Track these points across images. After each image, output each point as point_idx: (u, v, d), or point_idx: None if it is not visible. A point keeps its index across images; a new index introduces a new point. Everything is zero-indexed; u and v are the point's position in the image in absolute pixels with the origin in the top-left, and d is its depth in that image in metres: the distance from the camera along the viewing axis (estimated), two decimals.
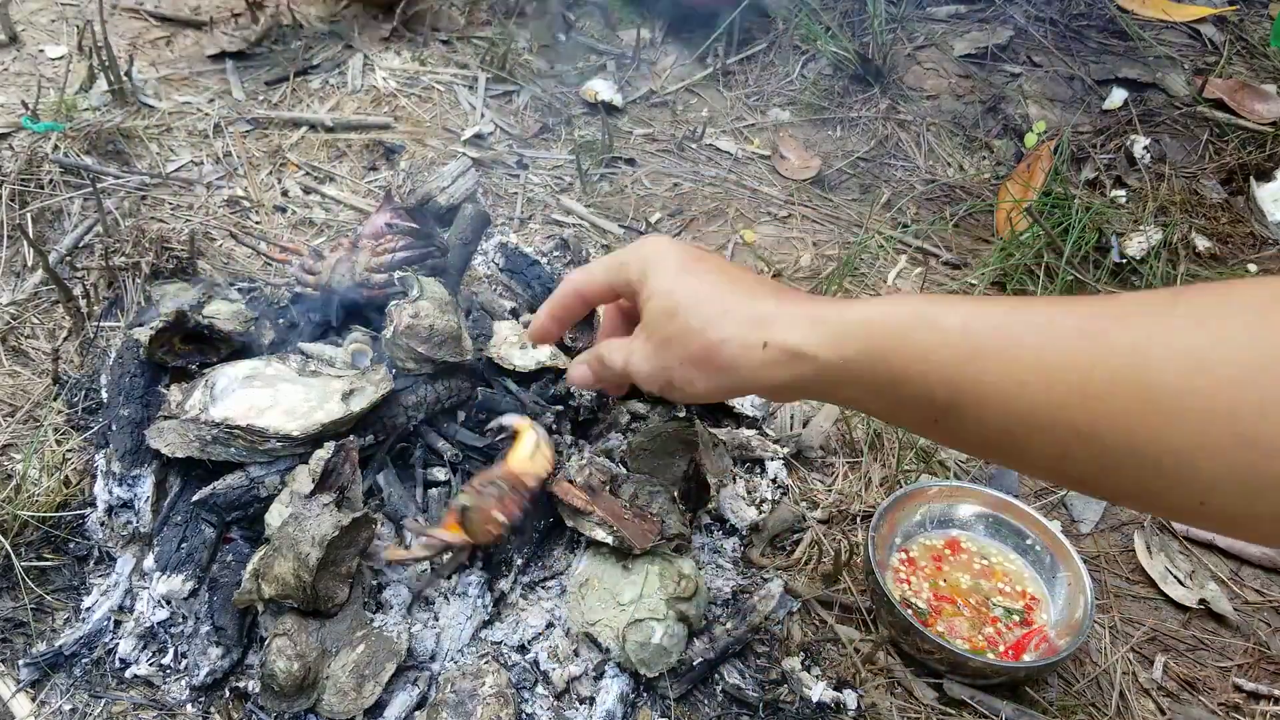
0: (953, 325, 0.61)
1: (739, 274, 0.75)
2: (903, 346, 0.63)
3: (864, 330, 0.65)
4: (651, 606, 1.00)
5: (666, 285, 0.74)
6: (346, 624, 0.97)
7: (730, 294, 0.72)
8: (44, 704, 0.95)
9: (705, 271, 0.74)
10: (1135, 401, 0.54)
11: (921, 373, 0.62)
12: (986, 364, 0.60)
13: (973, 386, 0.60)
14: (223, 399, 1.05)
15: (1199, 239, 1.67)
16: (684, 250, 0.76)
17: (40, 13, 1.78)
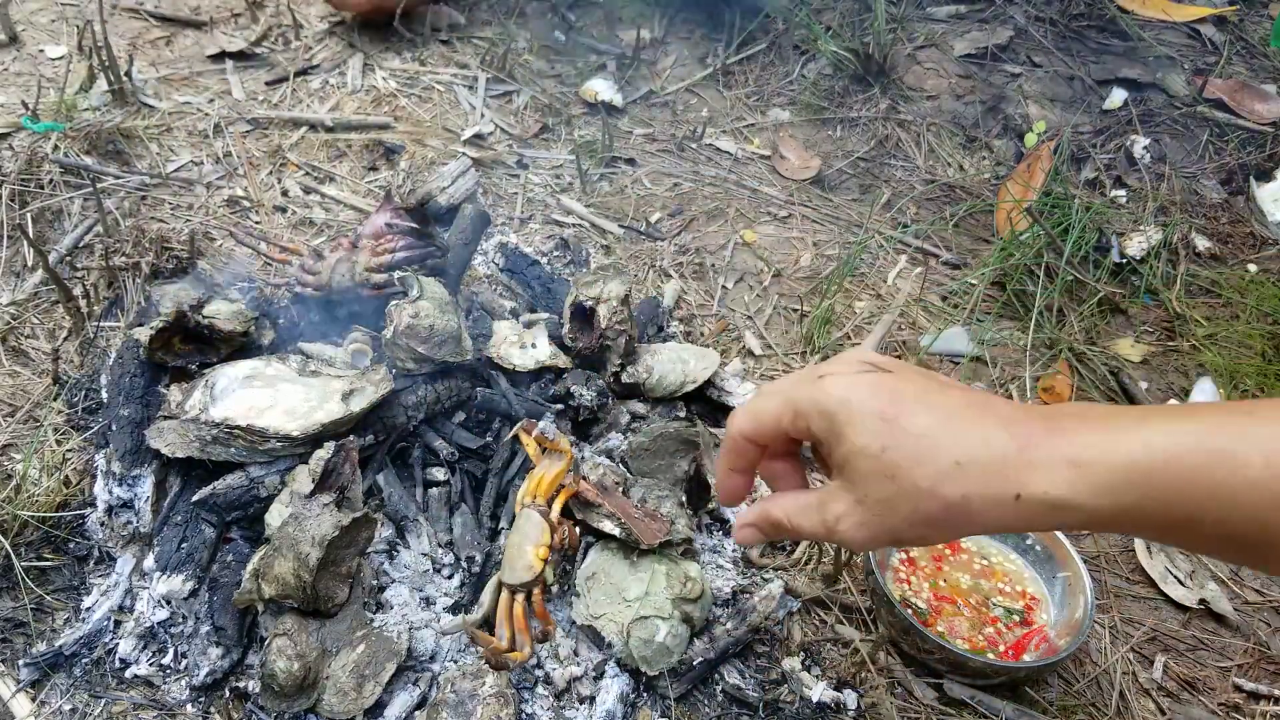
0: (1256, 464, 0.55)
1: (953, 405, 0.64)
2: (1197, 493, 0.56)
3: (1145, 479, 0.57)
4: (657, 605, 1.00)
5: (873, 441, 0.63)
6: (346, 624, 0.97)
7: (957, 436, 0.62)
8: (44, 704, 0.95)
9: (914, 414, 0.63)
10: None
11: (1219, 515, 0.56)
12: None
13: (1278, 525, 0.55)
14: (223, 399, 1.05)
15: (1199, 239, 1.67)
16: (874, 389, 0.65)
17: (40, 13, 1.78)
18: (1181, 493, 0.57)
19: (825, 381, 0.66)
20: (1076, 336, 1.50)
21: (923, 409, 0.63)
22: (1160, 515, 0.58)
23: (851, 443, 0.64)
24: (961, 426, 0.62)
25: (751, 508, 0.74)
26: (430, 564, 1.07)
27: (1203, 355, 1.50)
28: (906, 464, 0.62)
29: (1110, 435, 0.59)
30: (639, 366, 1.24)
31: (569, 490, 1.02)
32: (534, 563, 0.96)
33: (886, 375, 0.66)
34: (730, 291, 1.53)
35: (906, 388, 0.64)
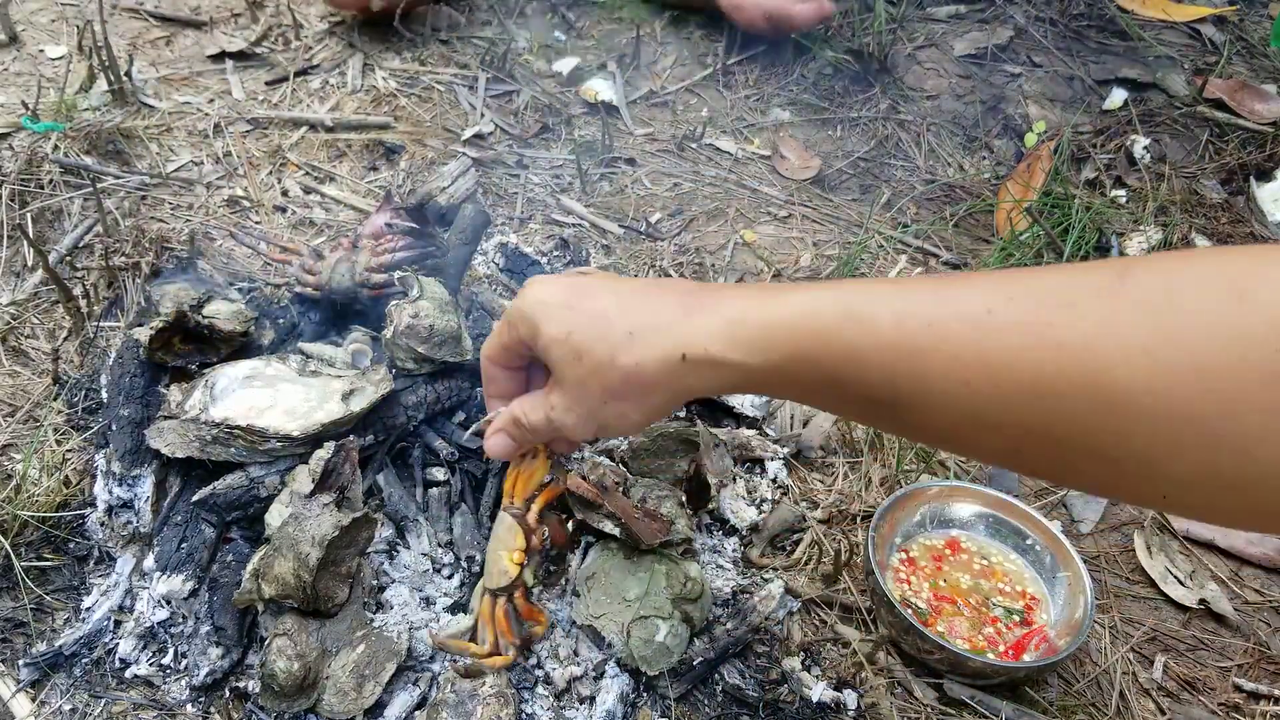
0: (884, 321, 0.58)
1: (631, 288, 0.70)
2: (832, 348, 0.60)
3: (787, 334, 0.61)
4: (657, 605, 1.00)
5: (560, 329, 0.69)
6: (346, 624, 0.97)
7: (630, 312, 0.67)
8: (44, 704, 0.95)
9: (594, 297, 0.69)
10: (1091, 403, 0.52)
11: (857, 374, 0.59)
12: (925, 363, 0.57)
13: (913, 385, 0.58)
14: (223, 399, 1.05)
15: (1199, 239, 1.67)
16: (563, 286, 0.72)
17: (40, 13, 1.78)
18: (822, 352, 0.60)
19: (526, 289, 0.73)
20: None
21: (604, 293, 0.69)
22: (807, 375, 0.62)
23: (545, 334, 0.70)
24: (636, 303, 0.67)
25: (498, 418, 0.81)
26: (430, 564, 1.07)
27: None
28: (588, 343, 0.67)
29: (767, 299, 0.63)
30: None
31: (551, 490, 1.00)
32: (508, 567, 0.95)
33: (580, 274, 0.74)
34: None
35: (595, 281, 0.71)
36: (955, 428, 0.58)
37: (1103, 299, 0.52)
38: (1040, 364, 0.53)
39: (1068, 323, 0.53)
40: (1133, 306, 0.51)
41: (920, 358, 0.57)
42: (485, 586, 0.97)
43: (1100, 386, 0.51)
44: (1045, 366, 0.53)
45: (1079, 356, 0.52)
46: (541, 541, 0.97)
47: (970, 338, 0.55)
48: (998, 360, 0.54)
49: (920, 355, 0.57)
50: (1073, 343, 0.52)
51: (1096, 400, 0.52)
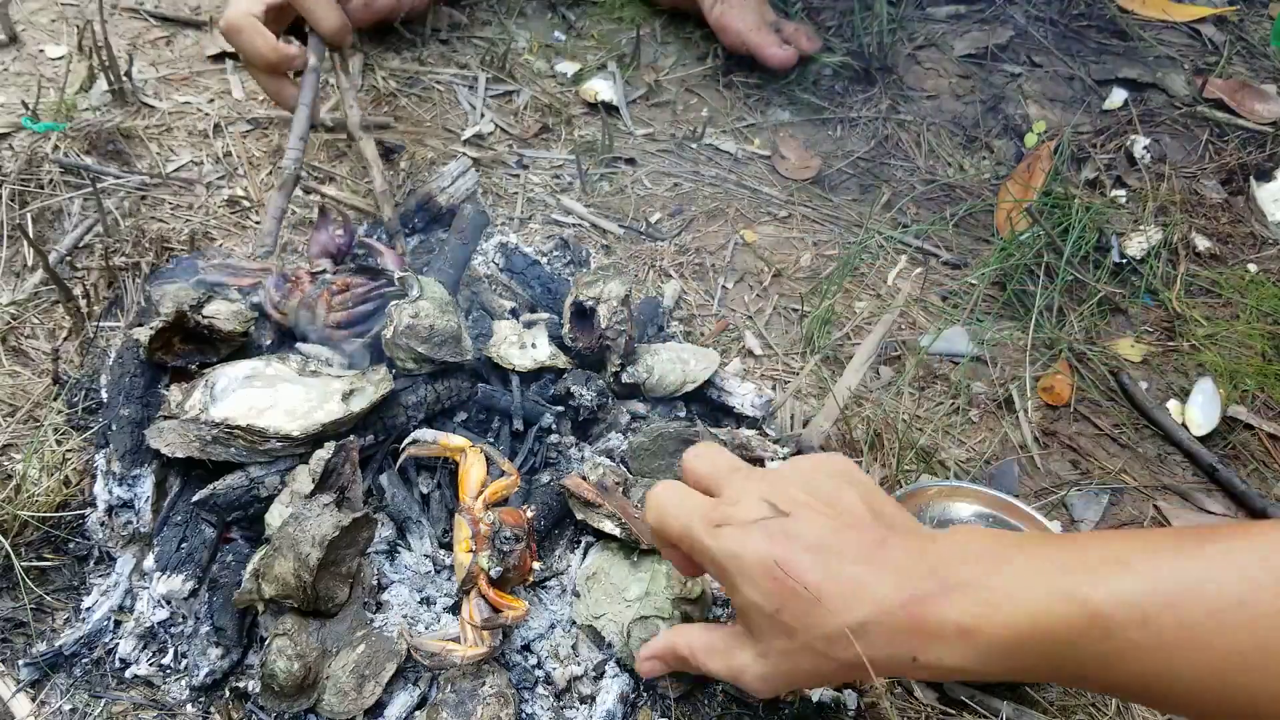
0: (1133, 626, 0.56)
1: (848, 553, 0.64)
2: (1077, 656, 0.58)
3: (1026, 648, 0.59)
4: (658, 605, 1.00)
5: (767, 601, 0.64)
6: (347, 624, 0.97)
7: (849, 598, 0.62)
8: (44, 704, 0.95)
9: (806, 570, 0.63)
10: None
11: (1105, 675, 0.59)
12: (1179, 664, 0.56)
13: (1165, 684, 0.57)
14: (223, 399, 1.05)
15: (1199, 239, 1.67)
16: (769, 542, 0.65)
17: (40, 13, 1.78)
18: (1063, 657, 0.60)
19: (720, 532, 0.66)
20: (1076, 336, 1.50)
21: (814, 564, 0.63)
22: (1049, 673, 0.61)
23: (745, 598, 0.65)
24: (855, 586, 0.62)
25: (656, 640, 0.79)
26: (431, 564, 1.07)
27: (1203, 355, 1.50)
28: (800, 625, 0.63)
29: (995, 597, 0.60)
30: (639, 366, 1.24)
31: (496, 489, 1.03)
32: (462, 559, 0.98)
33: (781, 522, 0.65)
34: (730, 291, 1.53)
35: (799, 539, 0.64)
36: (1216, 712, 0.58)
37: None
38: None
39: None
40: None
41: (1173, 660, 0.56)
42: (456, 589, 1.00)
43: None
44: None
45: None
46: (490, 528, 0.98)
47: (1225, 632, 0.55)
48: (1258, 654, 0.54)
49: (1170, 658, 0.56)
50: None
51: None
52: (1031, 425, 1.38)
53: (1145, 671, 0.57)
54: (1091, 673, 0.59)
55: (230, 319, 1.14)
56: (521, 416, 1.18)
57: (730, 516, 0.68)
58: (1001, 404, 1.40)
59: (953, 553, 0.64)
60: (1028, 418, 1.39)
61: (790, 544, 0.64)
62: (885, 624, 0.62)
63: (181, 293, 1.18)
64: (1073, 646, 0.58)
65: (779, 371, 1.41)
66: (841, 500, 0.67)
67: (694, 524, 0.70)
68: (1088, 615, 0.57)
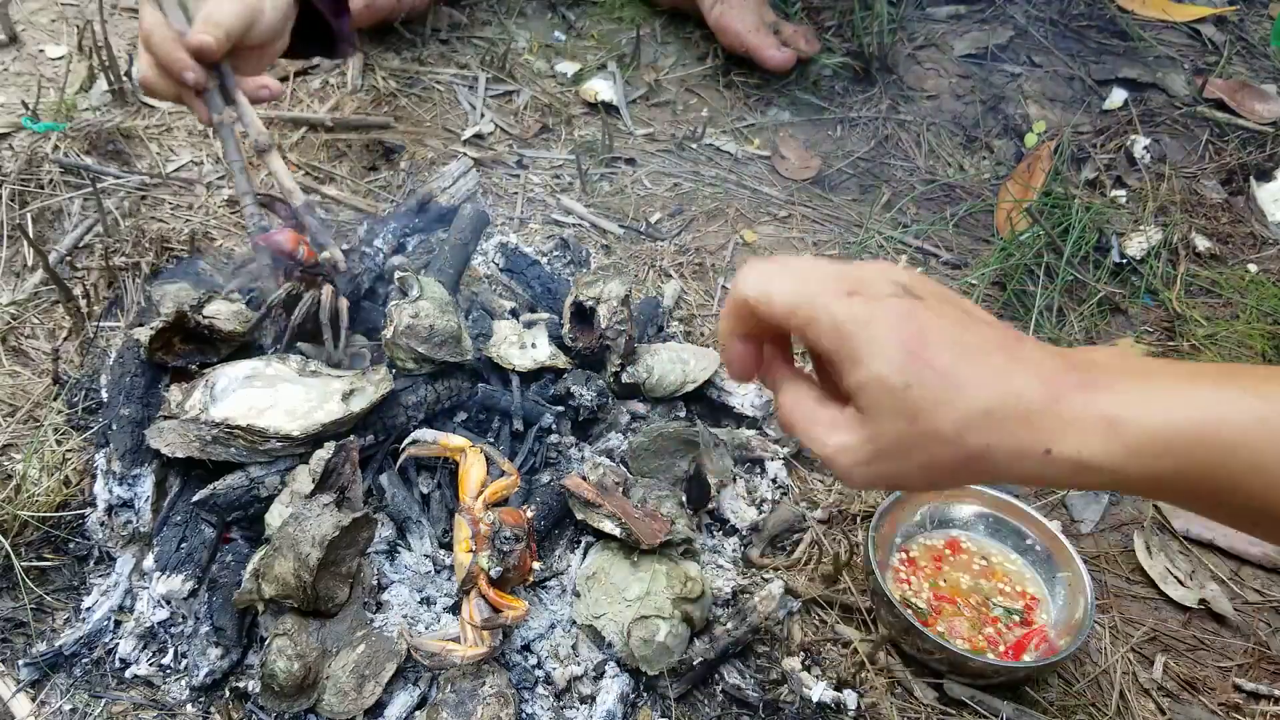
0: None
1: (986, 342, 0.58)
2: (1236, 462, 0.53)
3: (1181, 445, 0.54)
4: (658, 605, 1.00)
5: (896, 375, 0.56)
6: (346, 624, 0.97)
7: (987, 380, 0.56)
8: (44, 704, 0.95)
9: (943, 349, 0.57)
10: None
11: (1261, 487, 0.53)
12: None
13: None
14: (223, 399, 1.05)
15: (1199, 239, 1.67)
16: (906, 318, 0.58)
17: (40, 13, 1.78)
18: (1222, 463, 0.53)
19: (853, 300, 0.59)
20: (1076, 336, 1.50)
21: (951, 345, 0.57)
22: (1196, 484, 0.55)
23: (870, 370, 0.57)
24: (992, 371, 0.57)
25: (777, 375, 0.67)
26: (431, 565, 1.07)
27: (1203, 355, 1.50)
28: (929, 405, 0.56)
29: (1150, 393, 0.55)
30: (639, 366, 1.24)
31: (496, 489, 1.03)
32: (462, 558, 0.98)
33: (916, 303, 0.59)
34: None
35: (935, 320, 0.58)
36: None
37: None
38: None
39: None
40: None
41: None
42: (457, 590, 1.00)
43: None
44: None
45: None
46: (490, 528, 0.98)
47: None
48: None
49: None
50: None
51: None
52: None
53: None
54: (1246, 485, 0.53)
55: (230, 319, 1.14)
56: (521, 416, 1.18)
57: (860, 287, 0.59)
58: None
59: (1098, 358, 0.58)
60: None
61: (926, 322, 0.58)
62: (1023, 406, 0.55)
63: (181, 293, 1.18)
64: (1232, 452, 0.53)
65: None
66: (965, 304, 0.62)
67: (817, 293, 0.60)
68: (1256, 420, 0.52)
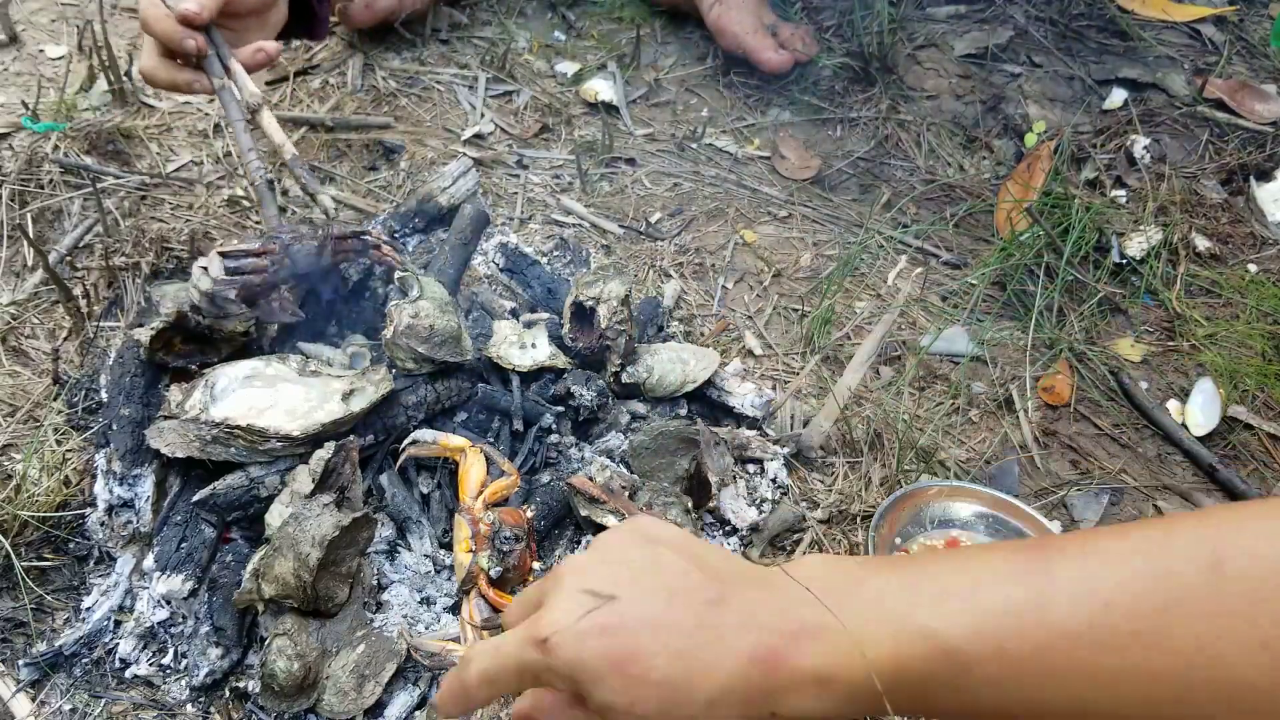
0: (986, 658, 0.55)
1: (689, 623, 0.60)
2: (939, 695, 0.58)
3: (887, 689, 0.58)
4: None
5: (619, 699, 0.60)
6: (347, 624, 0.97)
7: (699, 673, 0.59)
8: (44, 704, 0.95)
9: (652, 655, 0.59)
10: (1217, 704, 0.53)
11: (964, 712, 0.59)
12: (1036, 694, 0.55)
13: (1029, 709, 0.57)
14: (223, 399, 1.05)
15: (1199, 239, 1.67)
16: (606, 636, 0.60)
17: (40, 13, 1.78)
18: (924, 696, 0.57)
19: (550, 646, 0.61)
20: (1076, 336, 1.50)
21: (658, 646, 0.59)
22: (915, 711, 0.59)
23: (598, 700, 0.60)
24: (702, 657, 0.59)
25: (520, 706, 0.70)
26: (431, 565, 1.07)
27: (1203, 355, 1.50)
28: (657, 714, 0.59)
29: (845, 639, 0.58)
30: (639, 366, 1.24)
31: (496, 489, 1.04)
32: (462, 559, 0.98)
33: (610, 610, 0.61)
34: (730, 291, 1.53)
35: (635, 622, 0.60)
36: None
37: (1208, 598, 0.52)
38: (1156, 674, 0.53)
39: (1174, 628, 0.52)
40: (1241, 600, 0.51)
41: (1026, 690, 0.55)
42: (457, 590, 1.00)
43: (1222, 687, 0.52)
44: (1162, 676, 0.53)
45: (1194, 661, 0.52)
46: (490, 528, 0.99)
47: (1076, 656, 0.54)
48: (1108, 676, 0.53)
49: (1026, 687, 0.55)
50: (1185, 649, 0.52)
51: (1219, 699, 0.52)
52: (1031, 425, 1.38)
53: (1005, 701, 0.56)
54: (952, 708, 0.58)
55: (231, 320, 1.14)
56: (521, 416, 1.18)
57: (554, 624, 0.62)
58: (1001, 404, 1.40)
59: (796, 593, 0.61)
60: (1028, 418, 1.39)
61: (626, 630, 0.60)
62: (739, 688, 0.59)
63: (181, 293, 1.18)
64: (930, 684, 0.57)
65: (779, 371, 1.41)
66: (662, 564, 0.63)
67: (523, 654, 0.63)
68: (941, 651, 0.56)
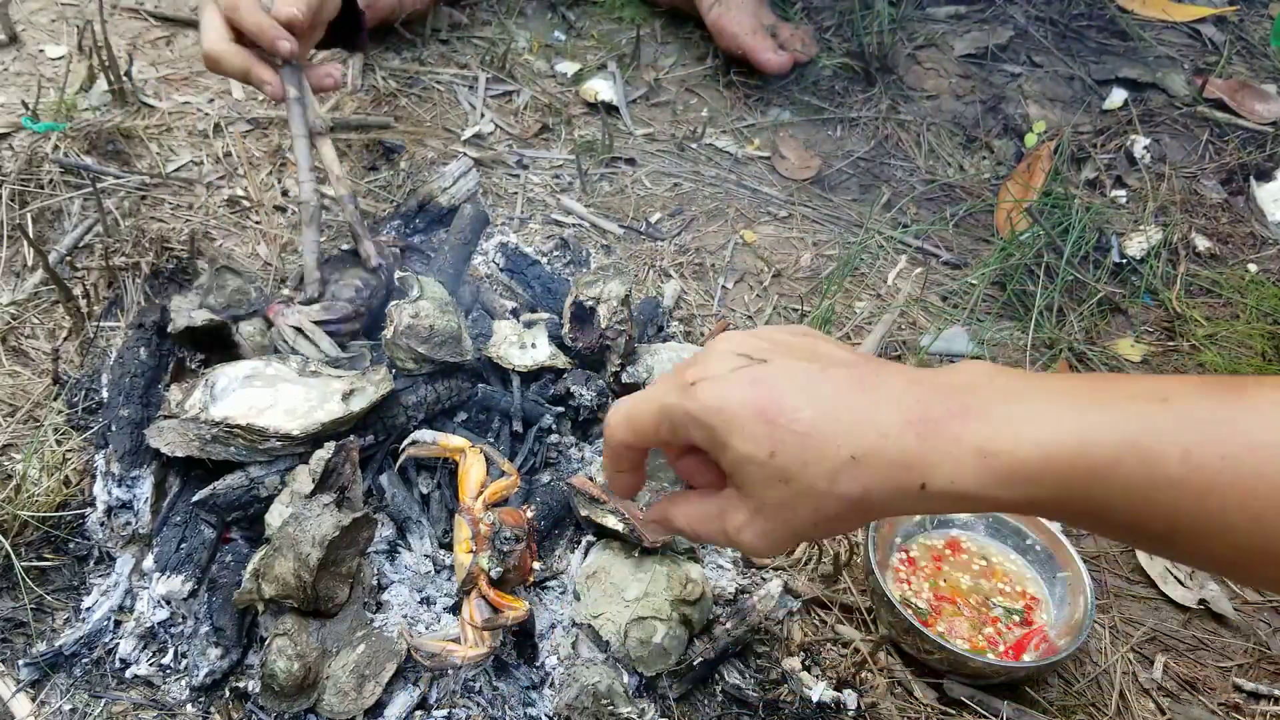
0: (1172, 459, 0.52)
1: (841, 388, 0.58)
2: (1108, 486, 0.54)
3: (1054, 472, 0.54)
4: (656, 606, 1.00)
5: (759, 448, 0.58)
6: (346, 624, 0.97)
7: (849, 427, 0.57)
8: (44, 704, 0.95)
9: (795, 408, 0.58)
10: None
11: (1132, 511, 0.54)
12: (1214, 502, 0.52)
13: (1195, 523, 0.53)
14: (223, 398, 1.05)
15: (1199, 239, 1.67)
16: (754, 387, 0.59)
17: (40, 13, 1.78)
18: (1093, 487, 0.54)
19: (696, 390, 0.61)
20: (1076, 336, 1.50)
21: (806, 401, 0.58)
22: (1072, 506, 0.56)
23: (736, 451, 0.59)
24: (852, 415, 0.57)
25: (654, 507, 0.72)
26: (431, 565, 1.07)
27: (1203, 355, 1.50)
28: (797, 466, 0.58)
29: (1018, 421, 0.55)
30: (639, 366, 1.24)
31: (496, 489, 1.04)
32: (462, 559, 0.98)
33: (761, 368, 0.60)
34: (730, 291, 1.53)
35: (785, 380, 0.59)
36: (1237, 560, 0.54)
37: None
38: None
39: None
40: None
41: (1209, 496, 0.52)
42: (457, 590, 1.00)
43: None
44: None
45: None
46: (490, 528, 0.99)
47: (1267, 471, 0.51)
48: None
49: (1210, 494, 0.52)
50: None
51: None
52: None
53: (1179, 510, 0.53)
54: (1119, 508, 0.54)
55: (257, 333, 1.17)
56: (521, 417, 1.18)
57: (704, 373, 0.62)
58: None
59: (963, 380, 0.58)
60: None
61: (776, 385, 0.59)
62: (891, 448, 0.56)
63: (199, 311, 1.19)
64: (1104, 478, 0.53)
65: None
66: (818, 347, 0.62)
67: (666, 397, 0.63)
68: (1126, 443, 0.53)
